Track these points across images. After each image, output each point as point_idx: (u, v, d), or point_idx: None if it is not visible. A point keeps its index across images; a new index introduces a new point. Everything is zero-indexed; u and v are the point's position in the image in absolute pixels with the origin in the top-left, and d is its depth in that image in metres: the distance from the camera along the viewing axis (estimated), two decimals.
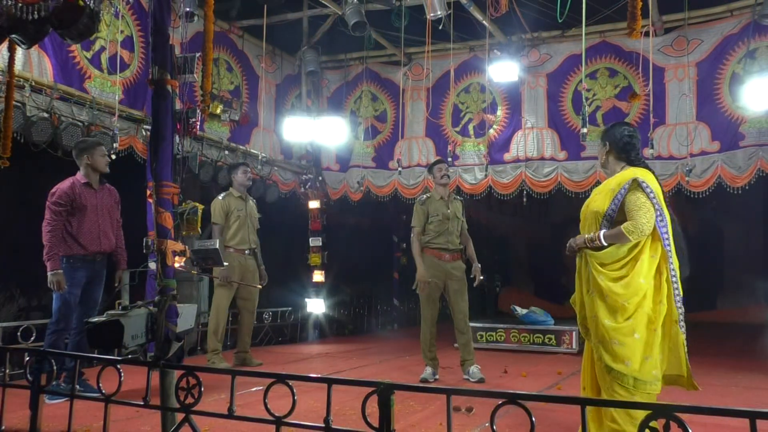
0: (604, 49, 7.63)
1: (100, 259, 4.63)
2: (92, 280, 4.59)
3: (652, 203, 2.94)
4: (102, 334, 2.90)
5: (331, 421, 2.39)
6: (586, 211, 3.17)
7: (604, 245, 2.97)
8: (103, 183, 4.74)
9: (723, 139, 6.98)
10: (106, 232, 4.63)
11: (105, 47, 6.03)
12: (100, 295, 4.65)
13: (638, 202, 2.94)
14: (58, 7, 2.93)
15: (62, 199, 4.46)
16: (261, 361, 6.33)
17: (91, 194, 4.62)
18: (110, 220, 4.69)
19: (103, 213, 4.64)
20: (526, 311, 7.57)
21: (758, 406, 1.88)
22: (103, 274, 4.68)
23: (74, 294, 4.46)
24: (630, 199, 2.96)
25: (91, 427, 3.45)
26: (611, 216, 3.00)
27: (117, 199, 4.82)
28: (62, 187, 4.50)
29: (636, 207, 2.93)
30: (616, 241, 2.95)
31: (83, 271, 4.51)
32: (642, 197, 2.95)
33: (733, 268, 12.67)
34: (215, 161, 7.24)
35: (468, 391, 2.32)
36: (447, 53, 7.88)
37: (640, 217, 2.90)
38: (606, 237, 2.96)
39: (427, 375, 5.36)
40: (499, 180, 7.98)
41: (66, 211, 4.46)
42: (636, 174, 3.01)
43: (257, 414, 2.57)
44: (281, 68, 8.64)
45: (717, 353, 7.30)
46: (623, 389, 2.84)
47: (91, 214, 4.56)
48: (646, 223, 2.89)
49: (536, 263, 13.98)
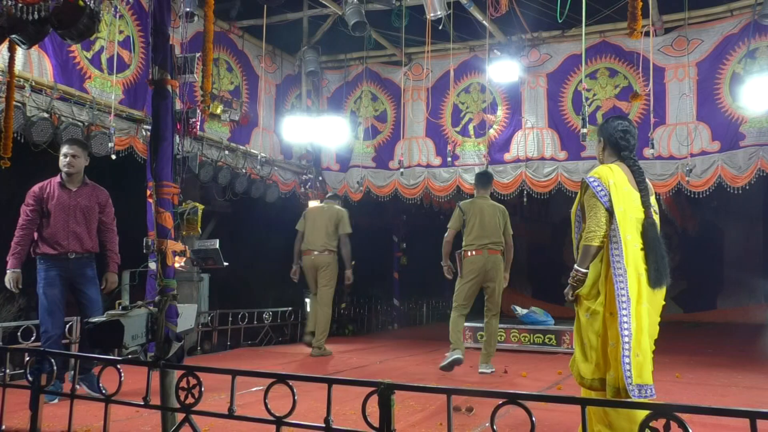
0: (604, 49, 7.63)
1: (76, 258, 4.51)
2: (75, 281, 4.52)
3: (599, 199, 2.85)
4: (102, 334, 2.90)
5: (332, 421, 2.39)
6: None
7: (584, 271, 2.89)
8: (86, 184, 4.63)
9: (723, 139, 6.98)
10: (77, 233, 4.51)
11: (105, 47, 6.03)
12: (97, 294, 4.58)
13: (589, 203, 2.91)
14: (58, 7, 2.94)
15: (30, 198, 4.49)
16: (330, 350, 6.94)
17: (65, 194, 4.54)
18: (85, 220, 4.55)
19: (75, 213, 4.52)
20: (526, 311, 7.57)
21: (758, 406, 1.88)
22: (90, 274, 4.58)
23: (49, 294, 4.42)
24: (584, 200, 2.95)
25: (91, 427, 3.45)
26: (579, 217, 2.99)
27: (101, 200, 4.65)
28: (33, 188, 4.53)
29: (587, 208, 2.91)
30: (585, 259, 2.87)
31: (55, 271, 4.47)
32: (590, 198, 2.90)
33: (734, 267, 12.66)
34: (215, 161, 7.24)
35: (468, 391, 2.32)
36: (447, 53, 7.88)
37: (590, 219, 2.87)
38: (579, 263, 2.90)
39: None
40: (499, 180, 7.97)
41: (34, 210, 4.47)
42: (597, 172, 2.96)
43: (257, 414, 2.57)
44: (281, 68, 8.64)
45: (717, 353, 7.30)
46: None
47: (61, 213, 4.48)
48: (594, 224, 2.84)
49: (536, 263, 13.97)
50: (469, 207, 5.88)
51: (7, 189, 7.35)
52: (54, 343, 4.42)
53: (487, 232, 5.73)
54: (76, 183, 4.60)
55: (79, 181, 4.61)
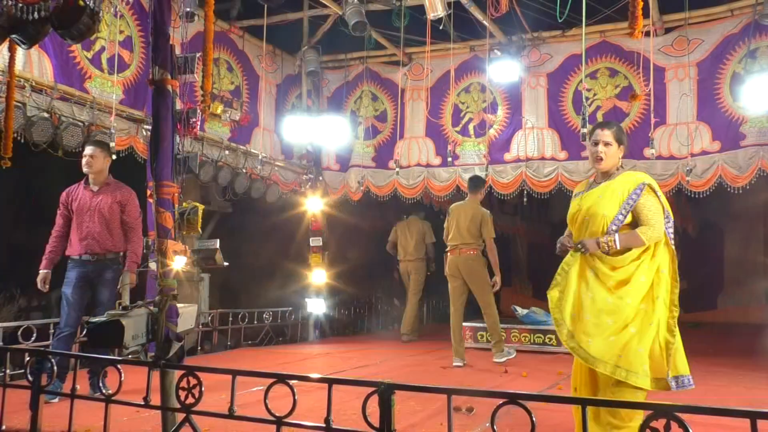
0: (604, 48, 7.62)
1: (95, 260, 4.56)
2: (91, 282, 4.56)
3: (662, 206, 2.99)
4: (102, 334, 2.90)
5: (332, 421, 2.39)
6: (580, 211, 3.13)
7: (617, 249, 2.96)
8: (108, 183, 4.68)
9: (724, 139, 6.98)
10: (95, 233, 4.54)
11: (105, 47, 6.03)
12: (106, 297, 4.58)
13: (653, 207, 2.97)
14: (58, 7, 2.93)
15: (60, 201, 4.65)
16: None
17: (87, 196, 4.60)
18: (103, 222, 4.58)
19: (94, 214, 4.56)
20: (526, 311, 7.57)
21: (758, 406, 1.88)
22: (108, 276, 4.60)
23: (66, 294, 4.49)
24: (645, 204, 2.98)
25: (91, 427, 3.45)
26: (620, 221, 3.00)
27: (122, 199, 4.67)
28: (63, 192, 4.67)
29: (652, 212, 2.97)
30: (630, 245, 2.96)
31: (75, 271, 4.54)
32: (656, 202, 2.99)
33: (734, 267, 12.66)
34: (215, 161, 7.24)
35: (468, 391, 2.32)
36: (447, 53, 7.88)
37: (657, 222, 2.95)
38: (621, 241, 2.95)
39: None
40: (499, 180, 7.98)
41: (62, 214, 4.64)
42: (644, 178, 3.04)
43: (258, 414, 2.57)
44: (281, 68, 8.64)
45: (717, 353, 7.29)
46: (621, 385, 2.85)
47: (83, 215, 4.56)
48: (661, 229, 2.95)
49: (536, 263, 13.95)
50: (452, 211, 6.44)
51: (7, 189, 7.35)
52: (63, 339, 4.46)
53: (460, 234, 6.23)
54: (99, 183, 4.66)
55: (102, 181, 4.67)
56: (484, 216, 6.27)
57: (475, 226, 6.23)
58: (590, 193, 3.15)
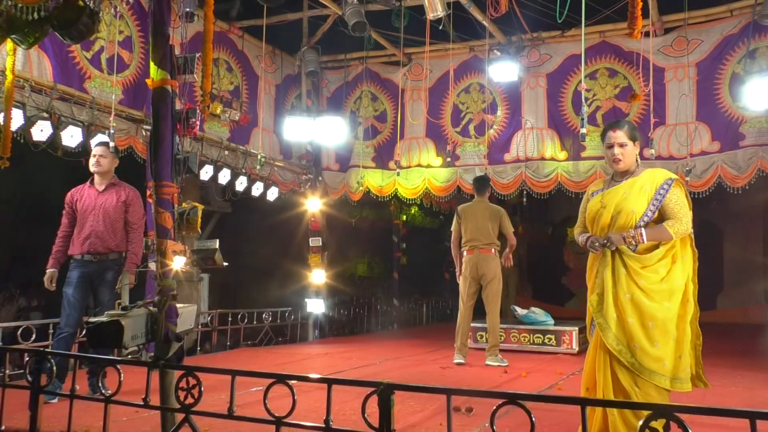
0: (604, 49, 7.63)
1: (97, 260, 4.56)
2: (92, 282, 4.56)
3: (689, 202, 2.98)
4: (102, 334, 2.89)
5: (331, 422, 2.38)
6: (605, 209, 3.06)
7: (643, 243, 2.94)
8: (113, 183, 4.70)
9: (723, 139, 6.98)
10: (98, 233, 4.56)
11: (105, 47, 6.03)
12: (107, 297, 4.57)
13: (681, 201, 2.95)
14: (58, 7, 2.93)
15: (65, 201, 4.66)
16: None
17: (92, 195, 4.62)
18: (107, 221, 4.59)
19: (99, 213, 4.58)
20: (526, 312, 7.57)
21: (758, 406, 1.88)
22: (109, 277, 4.61)
23: (67, 294, 4.50)
24: (673, 198, 2.96)
25: (91, 427, 3.45)
26: (649, 216, 2.98)
27: (126, 198, 4.68)
28: (69, 191, 4.69)
29: (680, 206, 2.95)
30: (658, 238, 2.93)
31: (77, 271, 4.55)
32: (684, 197, 2.98)
33: (733, 267, 12.67)
34: (215, 161, 7.24)
35: (468, 391, 2.32)
36: (447, 53, 7.88)
37: (685, 215, 2.93)
38: (649, 235, 2.93)
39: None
40: (499, 180, 7.98)
41: (67, 213, 4.65)
42: (672, 174, 3.04)
43: (257, 414, 2.56)
44: (281, 68, 8.64)
45: (717, 353, 7.29)
46: (655, 390, 2.84)
47: (87, 214, 4.57)
48: (689, 223, 2.93)
49: (536, 264, 13.96)
50: (464, 211, 6.38)
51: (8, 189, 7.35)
52: (63, 340, 4.46)
53: (478, 234, 6.22)
54: (104, 183, 4.68)
55: (108, 181, 4.69)
56: (501, 213, 6.33)
57: (494, 224, 6.26)
58: (613, 191, 3.09)
